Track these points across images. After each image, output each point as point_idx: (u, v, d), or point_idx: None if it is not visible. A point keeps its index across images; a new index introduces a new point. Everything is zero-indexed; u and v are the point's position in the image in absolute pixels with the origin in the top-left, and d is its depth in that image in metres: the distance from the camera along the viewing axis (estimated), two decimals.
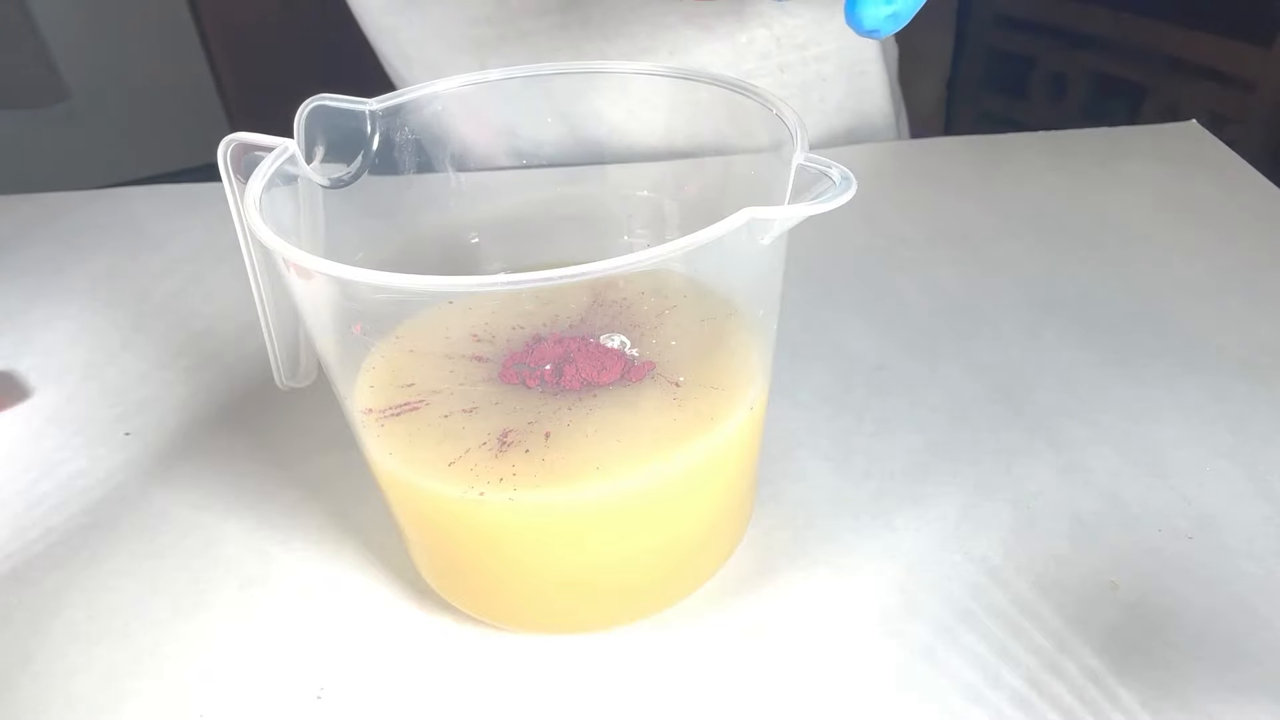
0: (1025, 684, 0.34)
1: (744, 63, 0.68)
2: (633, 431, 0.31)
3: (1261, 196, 0.64)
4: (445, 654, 0.37)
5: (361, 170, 0.35)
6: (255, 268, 0.35)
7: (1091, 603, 0.37)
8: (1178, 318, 0.53)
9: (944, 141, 0.76)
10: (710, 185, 0.39)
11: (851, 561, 0.39)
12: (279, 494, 0.44)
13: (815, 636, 0.36)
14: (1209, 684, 0.34)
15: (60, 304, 0.59)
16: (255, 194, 0.30)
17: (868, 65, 0.71)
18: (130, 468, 0.46)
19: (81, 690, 0.36)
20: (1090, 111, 1.42)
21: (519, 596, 0.36)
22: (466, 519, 0.32)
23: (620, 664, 0.36)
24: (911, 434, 0.46)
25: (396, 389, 0.33)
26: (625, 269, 0.25)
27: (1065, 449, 0.44)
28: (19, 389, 0.52)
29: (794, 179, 0.29)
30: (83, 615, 0.39)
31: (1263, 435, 0.44)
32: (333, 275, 0.26)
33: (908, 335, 0.52)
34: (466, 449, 0.31)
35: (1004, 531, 0.40)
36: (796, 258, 0.33)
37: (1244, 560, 0.38)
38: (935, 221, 0.63)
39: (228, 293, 0.59)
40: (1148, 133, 0.74)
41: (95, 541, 0.42)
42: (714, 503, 0.35)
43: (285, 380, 0.39)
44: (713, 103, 0.35)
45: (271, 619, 0.38)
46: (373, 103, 0.35)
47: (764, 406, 0.36)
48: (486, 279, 0.25)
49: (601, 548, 0.34)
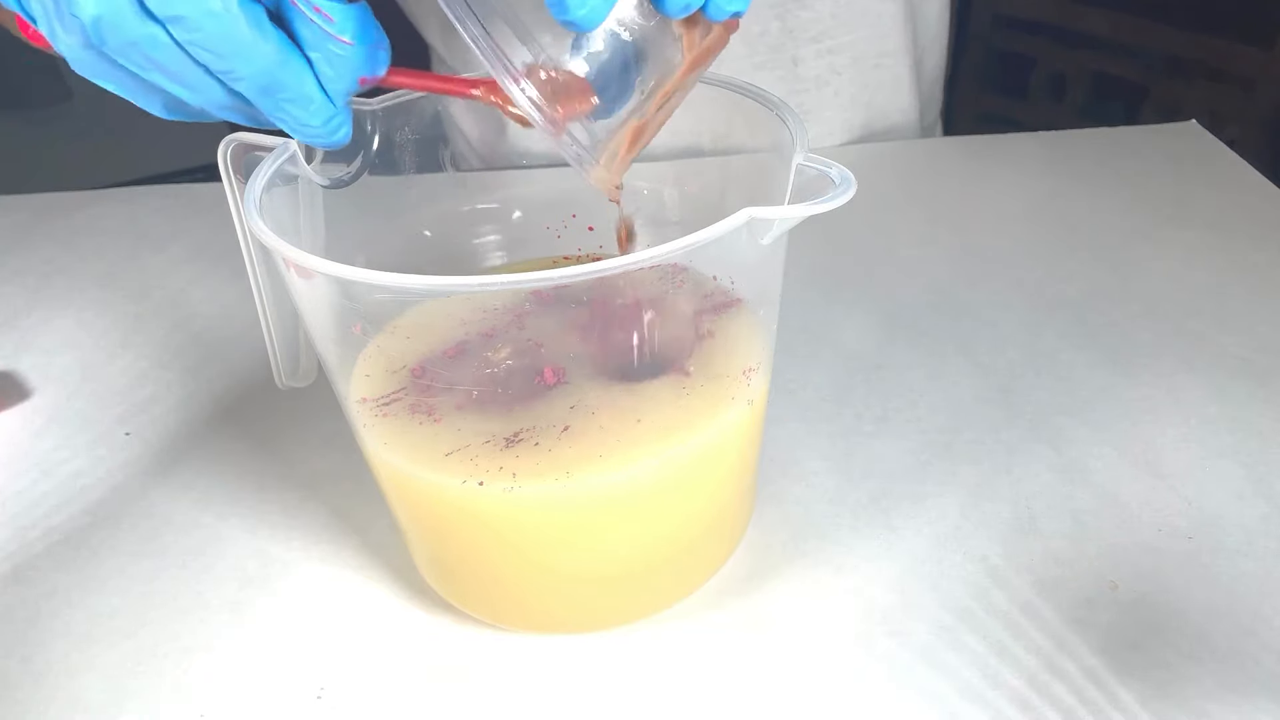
0: (1025, 684, 0.34)
1: (756, 55, 0.68)
2: (633, 424, 0.31)
3: (1261, 196, 0.64)
4: (445, 654, 0.37)
5: (361, 170, 0.35)
6: (255, 268, 0.35)
7: (1091, 603, 0.37)
8: (1178, 318, 0.53)
9: (944, 141, 0.76)
10: (710, 185, 0.39)
11: (851, 561, 0.39)
12: (279, 494, 0.44)
13: (815, 636, 0.36)
14: (1208, 684, 0.34)
15: (60, 304, 0.59)
16: (255, 194, 0.30)
17: (885, 58, 0.70)
18: (130, 468, 0.46)
19: (81, 690, 0.36)
20: (1090, 112, 1.42)
21: (520, 593, 0.36)
22: (466, 510, 0.32)
23: (620, 664, 0.36)
24: (911, 434, 0.46)
25: (391, 375, 0.33)
26: (625, 268, 0.25)
27: (1065, 449, 0.44)
28: (19, 389, 0.52)
29: (794, 179, 0.29)
30: (83, 615, 0.39)
31: (1263, 435, 0.44)
32: (333, 275, 0.26)
33: (908, 335, 0.52)
34: (466, 442, 0.31)
35: (1004, 531, 0.40)
36: (797, 257, 0.33)
37: (1244, 560, 0.38)
38: (935, 221, 0.63)
39: (228, 293, 0.59)
40: (1148, 133, 0.74)
41: (95, 541, 0.42)
42: (713, 497, 0.36)
43: (285, 380, 0.39)
44: (713, 102, 0.35)
45: (271, 619, 0.38)
46: (373, 103, 0.35)
47: (764, 402, 0.36)
48: (487, 278, 0.25)
49: (602, 539, 0.34)
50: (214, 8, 0.24)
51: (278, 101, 0.26)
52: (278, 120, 0.27)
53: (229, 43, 0.24)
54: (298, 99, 0.26)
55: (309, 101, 0.27)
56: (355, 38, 0.26)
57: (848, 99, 0.72)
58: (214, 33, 0.24)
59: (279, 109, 0.27)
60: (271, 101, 0.26)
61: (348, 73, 0.27)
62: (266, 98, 0.26)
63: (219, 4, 0.24)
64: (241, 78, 0.25)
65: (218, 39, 0.24)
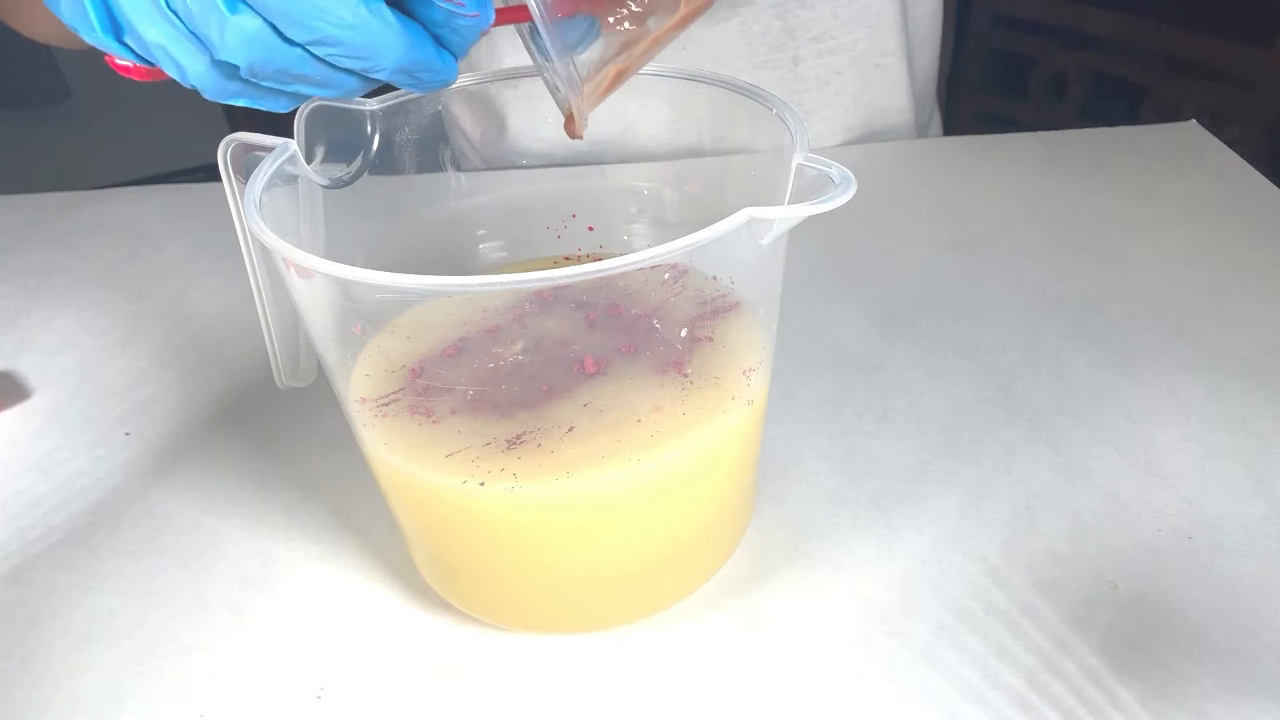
0: (1025, 684, 0.34)
1: (757, 55, 0.68)
2: (633, 424, 0.31)
3: (1261, 196, 0.64)
4: (445, 654, 0.37)
5: (361, 170, 0.35)
6: (255, 268, 0.35)
7: (1091, 603, 0.37)
8: (1178, 318, 0.53)
9: (944, 141, 0.76)
10: (710, 185, 0.39)
11: (851, 561, 0.39)
12: (279, 494, 0.44)
13: (815, 636, 0.36)
14: (1208, 684, 0.34)
15: (60, 304, 0.59)
16: (255, 194, 0.30)
17: (885, 58, 0.70)
18: (130, 468, 0.46)
19: (81, 690, 0.36)
20: (1090, 111, 1.42)
21: (520, 593, 0.36)
22: (466, 510, 0.32)
23: (620, 664, 0.36)
24: (911, 434, 0.46)
25: (390, 375, 0.33)
26: (626, 268, 0.25)
27: (1065, 449, 0.44)
28: (19, 389, 0.52)
29: (794, 179, 0.29)
30: (83, 615, 0.39)
31: (1263, 435, 0.44)
32: (333, 275, 0.26)
33: (908, 335, 0.52)
34: (467, 444, 0.31)
35: (1004, 531, 0.40)
36: (797, 257, 0.33)
37: (1244, 560, 0.38)
38: (935, 221, 0.63)
39: (228, 293, 0.59)
40: (1148, 133, 0.74)
41: (96, 541, 0.42)
42: (713, 497, 0.36)
43: (285, 380, 0.39)
44: (713, 102, 0.35)
45: (271, 619, 0.38)
46: (373, 103, 0.35)
47: (764, 402, 0.36)
48: (487, 278, 0.25)
49: (602, 540, 0.34)
50: (349, 20, 0.25)
51: (413, 76, 0.28)
52: (409, 86, 0.29)
53: (368, 47, 0.26)
54: (429, 68, 0.28)
55: (437, 68, 0.29)
56: (478, 6, 0.28)
57: (848, 99, 0.72)
58: (353, 42, 0.26)
59: (413, 81, 0.29)
60: (408, 78, 0.28)
61: (472, 35, 0.29)
62: (404, 76, 0.28)
63: (351, 15, 0.25)
64: (381, 69, 0.27)
65: (357, 46, 0.26)
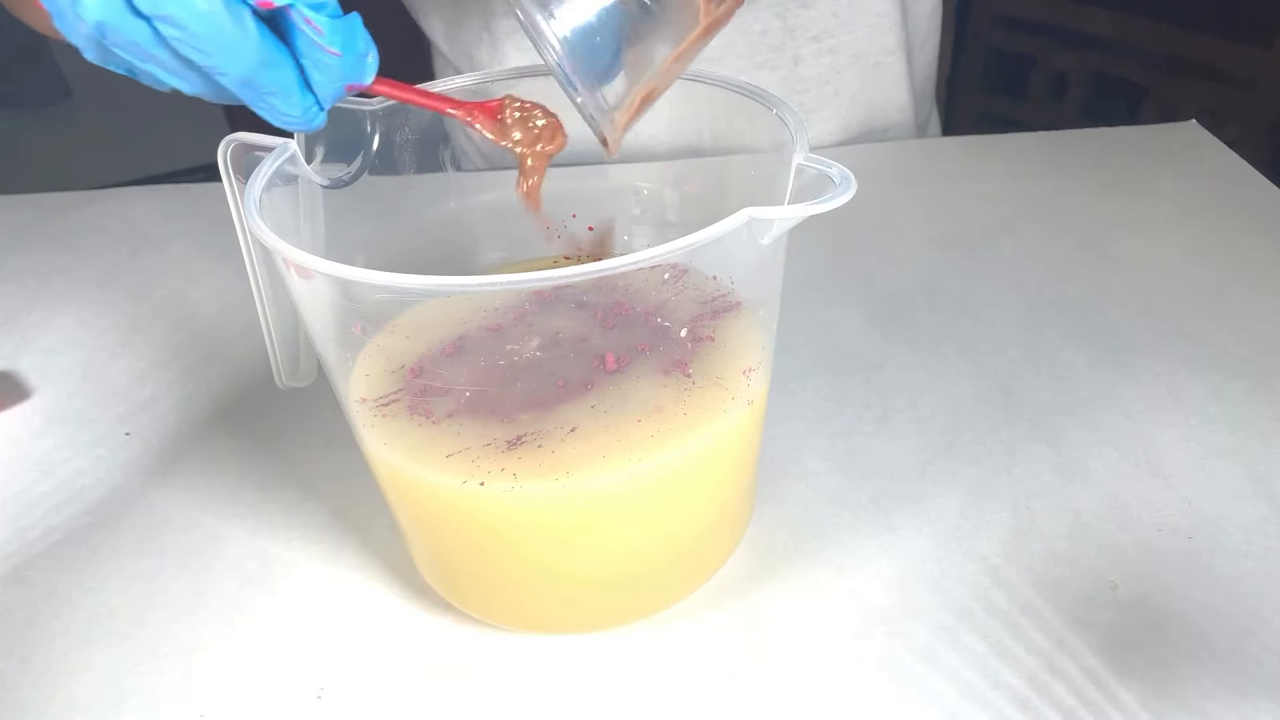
0: (1025, 684, 0.34)
1: (757, 54, 0.68)
2: (633, 425, 0.31)
3: (1261, 196, 0.64)
4: (445, 654, 0.37)
5: (361, 170, 0.35)
6: (255, 268, 0.35)
7: (1091, 603, 0.37)
8: (1178, 318, 0.53)
9: (944, 141, 0.76)
10: (711, 185, 0.39)
11: (851, 561, 0.39)
12: (279, 494, 0.44)
13: (815, 636, 0.36)
14: (1208, 684, 0.34)
15: (60, 304, 0.59)
16: (255, 194, 0.30)
17: (884, 56, 0.70)
18: (130, 468, 0.46)
19: (81, 690, 0.36)
20: (1090, 111, 1.42)
21: (520, 593, 0.36)
22: (466, 510, 0.32)
23: (620, 664, 0.36)
24: (911, 434, 0.46)
25: (390, 375, 0.33)
26: (626, 268, 0.25)
27: (1065, 449, 0.44)
28: (19, 389, 0.52)
29: (794, 179, 0.29)
30: (83, 615, 0.39)
31: (1263, 435, 0.44)
32: (333, 275, 0.26)
33: (908, 335, 0.52)
34: (467, 444, 0.31)
35: (1004, 531, 0.40)
36: (797, 257, 0.33)
37: (1244, 560, 0.38)
38: (935, 221, 0.63)
39: (228, 293, 0.59)
40: (1148, 133, 0.74)
41: (95, 541, 0.42)
42: (713, 497, 0.36)
43: (285, 380, 0.39)
44: (714, 102, 0.35)
45: (271, 619, 0.38)
46: (373, 103, 0.35)
47: (764, 402, 0.36)
48: (487, 278, 0.25)
49: (603, 540, 0.34)
50: (200, 8, 0.25)
51: (259, 94, 0.28)
52: (258, 109, 0.29)
53: (213, 43, 0.26)
54: (280, 94, 0.28)
55: (291, 98, 0.28)
56: (343, 49, 0.27)
57: (848, 98, 0.72)
58: (198, 32, 0.25)
59: (260, 100, 0.28)
60: (253, 93, 0.28)
61: (335, 80, 0.28)
62: (248, 90, 0.27)
63: (204, 4, 0.25)
64: (226, 73, 0.26)
65: (201, 38, 0.25)
